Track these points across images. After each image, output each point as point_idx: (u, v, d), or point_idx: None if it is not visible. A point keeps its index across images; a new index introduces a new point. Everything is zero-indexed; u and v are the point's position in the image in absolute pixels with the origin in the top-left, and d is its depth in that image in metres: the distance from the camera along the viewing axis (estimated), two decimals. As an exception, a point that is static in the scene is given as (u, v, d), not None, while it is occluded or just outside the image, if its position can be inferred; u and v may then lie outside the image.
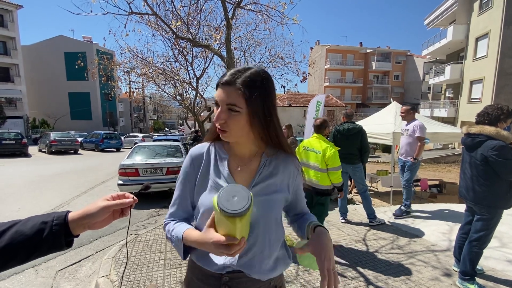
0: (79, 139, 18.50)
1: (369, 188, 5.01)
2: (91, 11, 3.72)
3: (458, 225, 2.81)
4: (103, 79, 7.55)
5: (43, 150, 16.70)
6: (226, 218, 0.66)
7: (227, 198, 0.66)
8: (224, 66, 4.85)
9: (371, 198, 4.24)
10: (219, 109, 0.82)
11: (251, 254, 0.86)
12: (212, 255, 0.87)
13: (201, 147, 0.97)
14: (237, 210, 0.63)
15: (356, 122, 4.29)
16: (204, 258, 0.88)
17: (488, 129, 2.30)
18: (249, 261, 0.86)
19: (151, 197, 5.91)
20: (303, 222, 0.97)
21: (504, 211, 2.37)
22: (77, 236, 0.72)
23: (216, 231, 0.72)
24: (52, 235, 0.67)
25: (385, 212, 4.68)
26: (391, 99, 8.17)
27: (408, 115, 4.32)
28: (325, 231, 0.89)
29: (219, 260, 0.86)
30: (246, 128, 0.83)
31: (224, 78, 0.81)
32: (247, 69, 0.83)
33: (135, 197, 0.76)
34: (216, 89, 0.85)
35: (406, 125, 4.39)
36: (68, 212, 0.72)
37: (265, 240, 0.88)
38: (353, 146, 3.98)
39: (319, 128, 3.12)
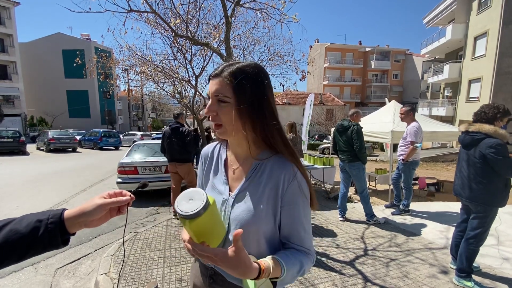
0: (78, 137, 18.45)
1: (368, 185, 5.02)
2: (90, 9, 3.71)
3: (455, 223, 2.84)
4: (101, 77, 7.51)
5: (41, 148, 16.63)
6: (180, 219, 0.67)
7: (184, 200, 0.67)
8: (223, 65, 4.84)
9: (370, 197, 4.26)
10: (209, 102, 0.80)
11: None
12: None
13: (209, 146, 0.99)
14: (185, 212, 0.64)
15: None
16: None
17: (487, 128, 2.33)
18: None
19: (150, 195, 5.91)
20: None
21: (501, 209, 2.40)
22: (73, 234, 0.71)
23: None
24: (47, 234, 0.66)
25: (383, 210, 4.70)
26: (387, 99, 8.17)
27: (407, 117, 4.32)
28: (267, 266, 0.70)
29: None
30: (237, 121, 0.77)
31: (214, 71, 0.80)
32: (240, 62, 0.81)
33: (132, 195, 0.74)
34: (209, 82, 0.84)
35: (406, 127, 4.40)
36: (64, 210, 0.71)
37: None
38: (346, 143, 4.00)
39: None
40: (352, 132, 3.91)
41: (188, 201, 0.66)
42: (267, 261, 0.71)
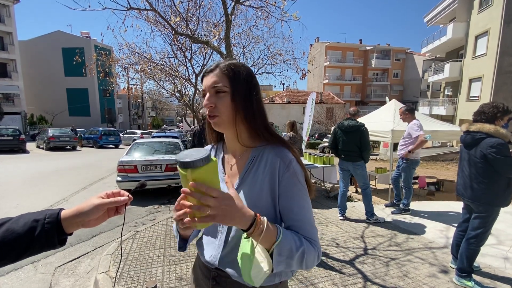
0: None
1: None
2: (89, 6, 3.69)
3: (456, 223, 2.83)
4: (101, 75, 7.50)
5: (41, 147, 16.63)
6: (181, 171, 0.65)
7: (187, 153, 0.67)
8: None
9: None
10: (207, 95, 0.83)
11: (234, 255, 0.82)
12: (204, 248, 0.91)
13: (207, 148, 1.02)
14: (187, 160, 0.63)
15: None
16: (200, 248, 0.94)
17: (488, 127, 2.32)
18: (232, 262, 0.83)
19: (150, 194, 5.91)
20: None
21: (501, 209, 2.39)
22: (71, 234, 0.71)
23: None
24: (44, 233, 0.65)
25: (383, 209, 4.70)
26: (387, 98, 8.14)
27: (405, 117, 4.30)
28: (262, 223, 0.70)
29: (206, 253, 0.89)
30: (232, 111, 0.81)
31: (209, 67, 0.86)
32: (229, 60, 0.88)
33: (130, 195, 0.74)
34: (202, 81, 0.88)
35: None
36: (61, 209, 0.70)
37: None
38: (352, 143, 3.98)
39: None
40: (361, 133, 3.92)
41: (191, 154, 0.66)
42: (263, 217, 0.72)
